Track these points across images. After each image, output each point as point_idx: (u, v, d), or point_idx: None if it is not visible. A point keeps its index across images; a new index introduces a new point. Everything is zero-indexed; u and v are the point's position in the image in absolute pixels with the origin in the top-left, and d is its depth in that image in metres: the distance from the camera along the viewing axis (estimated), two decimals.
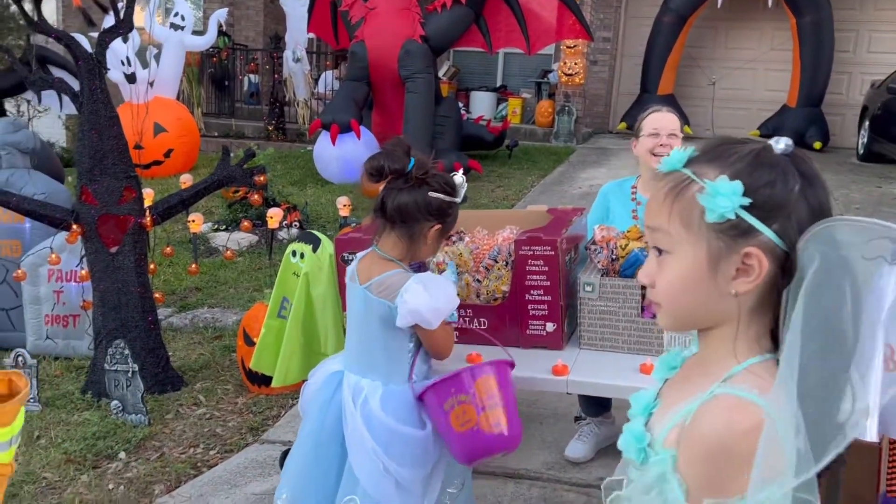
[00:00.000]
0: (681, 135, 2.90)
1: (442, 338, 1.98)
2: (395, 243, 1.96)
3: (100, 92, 3.58)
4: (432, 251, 2.04)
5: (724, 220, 0.93)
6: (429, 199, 1.91)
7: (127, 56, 8.10)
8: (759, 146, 0.97)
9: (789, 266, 0.94)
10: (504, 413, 1.83)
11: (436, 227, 1.94)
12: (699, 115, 11.32)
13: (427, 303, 1.87)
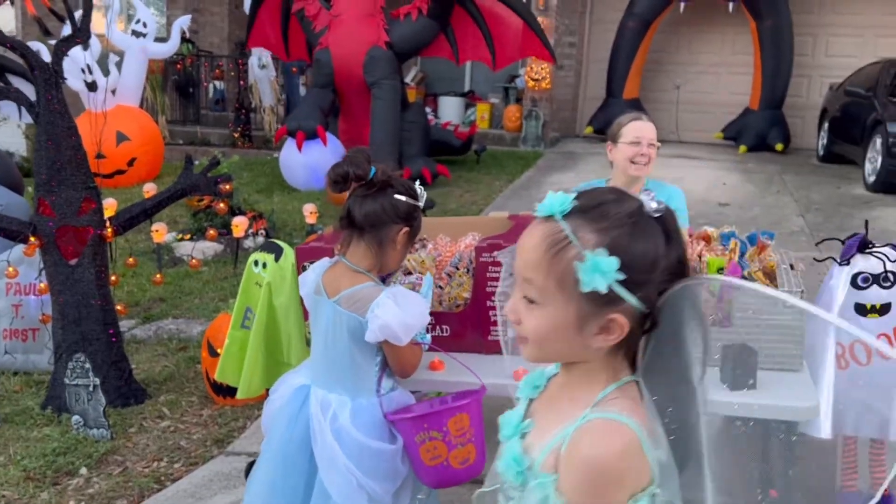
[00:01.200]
0: (658, 144, 2.95)
1: (408, 356, 1.97)
2: (365, 253, 1.94)
3: (56, 102, 3.52)
4: (401, 257, 2.02)
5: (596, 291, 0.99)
6: (395, 201, 1.91)
7: (87, 64, 7.99)
8: (634, 206, 1.03)
9: (650, 319, 1.02)
10: (474, 447, 1.86)
11: (404, 230, 1.94)
12: (664, 119, 11.47)
13: (398, 318, 1.85)
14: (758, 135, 10.34)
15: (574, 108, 11.98)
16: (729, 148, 10.58)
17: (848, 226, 6.13)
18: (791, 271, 2.20)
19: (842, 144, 9.08)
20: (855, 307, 2.28)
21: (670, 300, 0.99)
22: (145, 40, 8.50)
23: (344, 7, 7.79)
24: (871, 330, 2.29)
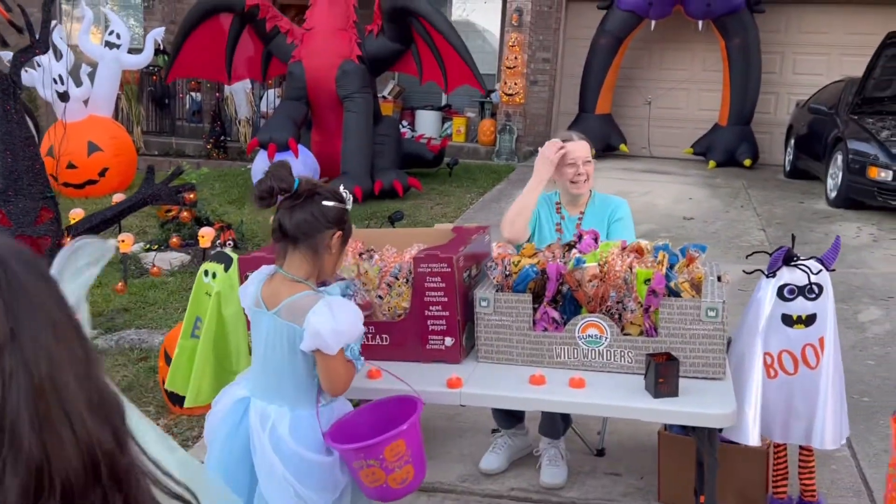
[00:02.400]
0: (592, 159, 3.02)
1: (338, 370, 1.95)
2: (301, 262, 1.97)
3: (14, 112, 3.55)
4: (336, 262, 2.05)
5: None
6: (324, 208, 1.94)
7: (60, 74, 8.00)
8: None
9: None
10: (412, 467, 1.89)
11: (337, 234, 1.97)
12: (636, 134, 11.63)
13: (329, 325, 1.86)
14: (726, 150, 10.51)
15: (548, 122, 12.10)
16: (699, 163, 10.75)
17: (806, 239, 6.25)
18: (718, 283, 2.27)
19: (806, 160, 9.26)
20: (782, 318, 2.36)
21: None
22: (119, 51, 8.51)
23: (317, 21, 7.86)
24: (797, 340, 2.37)
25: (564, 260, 2.30)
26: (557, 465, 2.95)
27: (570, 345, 2.21)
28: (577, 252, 2.33)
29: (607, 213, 2.98)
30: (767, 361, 2.39)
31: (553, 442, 2.99)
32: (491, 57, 12.60)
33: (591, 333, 2.19)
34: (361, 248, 2.75)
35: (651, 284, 2.10)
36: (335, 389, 1.98)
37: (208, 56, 8.37)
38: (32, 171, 3.62)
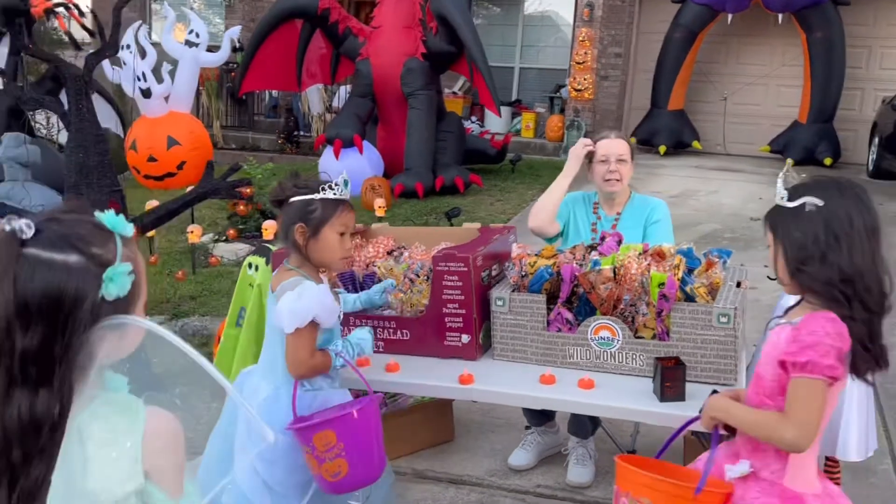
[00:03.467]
0: (629, 158, 3.01)
1: (293, 350, 2.01)
2: (293, 255, 2.13)
3: (86, 111, 3.80)
4: (318, 251, 2.07)
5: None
6: (290, 205, 2.08)
7: (143, 72, 8.44)
8: None
9: None
10: (345, 461, 1.91)
11: (298, 226, 2.06)
12: (710, 131, 11.33)
13: (288, 304, 1.97)
14: (806, 148, 10.11)
15: (619, 118, 11.93)
16: (776, 161, 10.37)
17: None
18: (736, 289, 2.25)
19: (892, 160, 8.81)
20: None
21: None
22: (198, 50, 8.90)
23: (384, 19, 8.01)
24: None
25: (584, 262, 2.32)
26: (584, 465, 2.97)
27: (583, 346, 2.24)
28: (598, 254, 2.35)
29: (645, 214, 2.95)
30: None
31: (582, 441, 3.01)
32: (565, 52, 12.51)
33: (603, 335, 2.21)
34: (393, 245, 2.84)
35: (663, 288, 2.11)
36: (292, 369, 2.03)
37: (279, 66, 8.62)
38: (102, 167, 3.87)
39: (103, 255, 1.07)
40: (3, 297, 1.00)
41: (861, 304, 1.57)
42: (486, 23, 13.90)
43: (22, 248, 1.02)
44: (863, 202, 1.65)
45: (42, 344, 1.01)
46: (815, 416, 1.57)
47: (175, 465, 1.16)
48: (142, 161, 8.77)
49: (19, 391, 1.00)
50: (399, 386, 2.35)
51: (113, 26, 3.78)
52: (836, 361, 1.55)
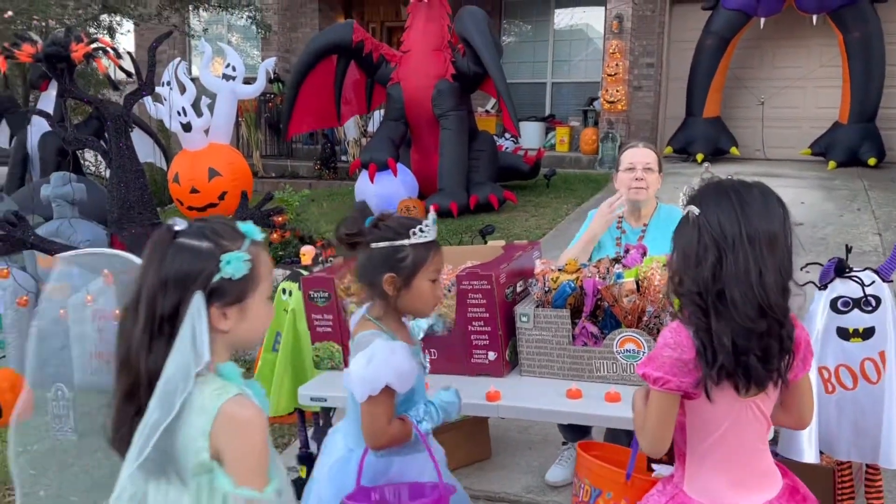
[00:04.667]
0: (656, 168, 3.01)
1: (367, 417, 1.82)
2: (375, 303, 1.91)
3: (126, 149, 3.96)
4: (410, 301, 1.88)
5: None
6: (372, 252, 1.85)
7: (183, 107, 8.69)
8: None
9: None
10: None
11: (388, 276, 1.84)
12: (748, 137, 11.17)
13: (359, 371, 1.79)
14: (848, 149, 9.89)
15: (654, 128, 11.84)
16: (818, 164, 10.18)
17: None
18: None
19: None
20: (837, 331, 2.28)
21: None
22: (234, 83, 9.14)
23: (413, 43, 8.14)
24: (855, 354, 2.29)
25: (608, 275, 2.33)
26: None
27: (609, 359, 2.25)
28: (621, 266, 2.36)
29: (671, 224, 2.93)
30: (824, 376, 2.32)
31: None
32: (597, 65, 12.50)
33: (628, 348, 2.22)
34: None
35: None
36: (368, 441, 1.85)
37: (319, 104, 8.80)
38: (142, 201, 4.02)
39: (228, 246, 1.38)
40: (153, 273, 1.35)
41: (721, 316, 1.49)
42: (517, 40, 14.00)
43: (173, 239, 1.37)
44: (747, 209, 1.52)
45: (174, 308, 1.34)
46: (656, 426, 1.59)
47: (246, 454, 1.32)
48: (184, 193, 9.01)
49: (157, 342, 1.33)
50: None
51: (149, 66, 3.94)
52: (669, 374, 1.54)
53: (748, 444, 1.65)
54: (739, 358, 1.50)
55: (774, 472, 1.73)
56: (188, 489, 1.33)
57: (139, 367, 1.34)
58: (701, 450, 1.66)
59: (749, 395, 1.57)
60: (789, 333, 1.55)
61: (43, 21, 9.24)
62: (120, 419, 1.39)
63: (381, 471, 1.91)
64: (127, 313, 1.38)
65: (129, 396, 1.37)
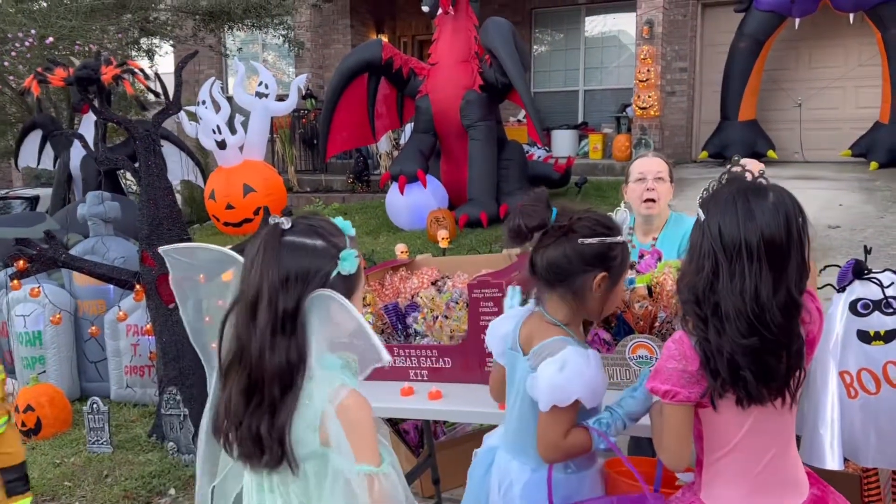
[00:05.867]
0: (668, 178, 2.96)
1: (544, 427, 1.68)
2: (559, 304, 1.76)
3: (155, 167, 4.06)
4: (603, 303, 1.76)
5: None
6: (579, 247, 1.70)
7: (218, 125, 8.88)
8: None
9: None
10: None
11: (601, 275, 1.71)
12: (786, 139, 10.96)
13: (548, 379, 1.65)
14: (890, 150, 9.62)
15: (688, 133, 11.70)
16: (859, 165, 9.93)
17: None
18: None
19: None
20: (858, 334, 2.21)
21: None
22: (267, 100, 9.31)
23: (441, 55, 8.19)
24: (877, 358, 2.22)
25: None
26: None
27: (622, 366, 2.22)
28: (634, 272, 2.33)
29: (681, 232, 2.88)
30: (847, 381, 2.25)
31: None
32: (630, 71, 12.41)
33: (641, 354, 2.19)
34: (437, 275, 2.90)
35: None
36: (541, 451, 1.72)
37: (354, 123, 8.89)
38: (171, 218, 4.10)
39: (339, 242, 1.45)
40: (273, 271, 1.38)
41: (717, 328, 1.43)
42: (549, 49, 13.99)
43: (283, 237, 1.41)
44: (752, 218, 1.42)
45: (296, 305, 1.37)
46: (673, 440, 1.55)
47: (359, 436, 1.37)
48: (220, 209, 9.19)
49: (280, 339, 1.36)
50: (442, 413, 2.38)
51: (175, 86, 4.04)
52: (677, 385, 1.50)
53: (767, 454, 1.60)
54: (737, 373, 1.45)
55: (799, 482, 1.68)
56: (298, 476, 1.39)
57: (263, 364, 1.36)
58: (716, 459, 1.62)
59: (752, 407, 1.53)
60: (798, 350, 1.49)
61: (85, 46, 9.54)
62: (235, 415, 1.39)
63: (573, 488, 1.78)
64: (240, 313, 1.40)
65: (249, 393, 1.38)
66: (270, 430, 1.36)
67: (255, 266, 1.40)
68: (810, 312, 1.55)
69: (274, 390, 1.37)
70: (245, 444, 1.40)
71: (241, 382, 1.39)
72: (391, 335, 2.64)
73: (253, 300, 1.38)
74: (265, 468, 1.41)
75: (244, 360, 1.39)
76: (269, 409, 1.37)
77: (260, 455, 1.38)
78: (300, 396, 1.38)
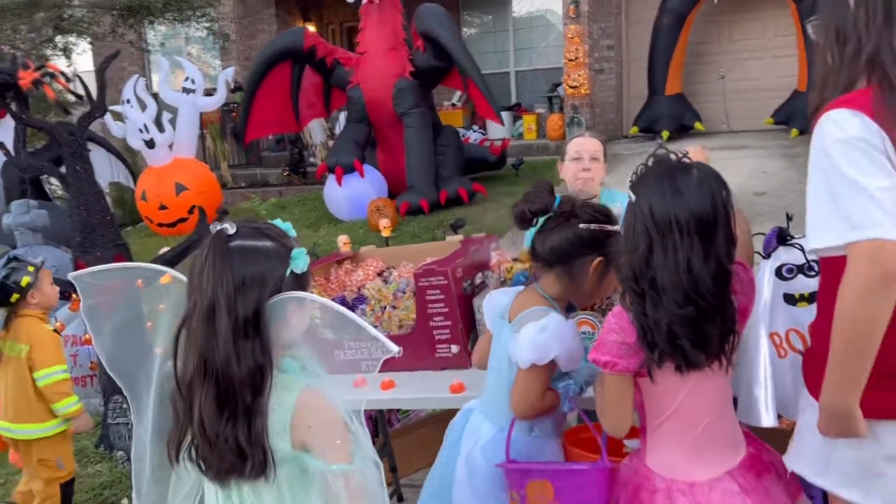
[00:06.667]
0: (602, 158, 3.04)
1: (523, 386, 1.82)
2: (554, 282, 1.91)
3: (83, 172, 3.94)
4: (595, 286, 1.91)
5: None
6: (580, 231, 1.84)
7: (144, 124, 8.65)
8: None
9: None
10: None
11: (597, 260, 1.85)
12: (712, 111, 11.30)
13: (530, 337, 1.78)
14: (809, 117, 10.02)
15: (619, 109, 11.94)
16: (780, 133, 10.32)
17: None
18: None
19: None
20: (784, 297, 2.34)
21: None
22: (195, 96, 9.10)
23: (369, 44, 8.14)
24: (803, 318, 2.34)
25: None
26: None
27: None
28: None
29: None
30: (776, 342, 2.37)
31: None
32: (559, 50, 12.56)
33: (584, 330, 2.26)
34: (382, 266, 2.92)
35: None
36: (516, 409, 1.85)
37: (277, 109, 8.79)
38: (104, 223, 4.00)
39: (287, 242, 1.47)
40: (227, 278, 1.37)
41: (655, 302, 1.52)
42: (479, 31, 14.03)
43: (229, 243, 1.41)
44: (680, 195, 1.52)
45: (255, 308, 1.38)
46: (612, 408, 1.65)
47: (325, 436, 1.39)
48: (153, 210, 8.97)
49: (244, 343, 1.36)
50: (394, 402, 2.42)
51: (98, 87, 3.93)
52: (616, 357, 1.59)
53: (704, 418, 1.69)
54: (675, 342, 1.54)
55: (737, 442, 1.77)
56: (270, 483, 1.39)
57: (230, 372, 1.35)
58: (658, 425, 1.70)
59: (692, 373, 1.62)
60: (731, 315, 1.58)
61: None
62: (210, 430, 1.36)
63: (534, 453, 1.90)
64: (197, 325, 1.38)
65: (221, 404, 1.36)
66: (249, 437, 1.36)
67: (205, 275, 1.39)
68: (742, 282, 1.63)
69: (246, 396, 1.36)
70: (226, 458, 1.37)
71: (210, 394, 1.37)
72: None
73: (209, 310, 1.37)
74: (247, 479, 1.39)
75: (209, 372, 1.37)
76: (245, 417, 1.37)
77: (243, 465, 1.37)
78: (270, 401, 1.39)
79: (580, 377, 1.90)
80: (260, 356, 1.37)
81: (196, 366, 1.38)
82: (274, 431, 1.39)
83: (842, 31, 1.51)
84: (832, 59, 1.54)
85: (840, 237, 1.44)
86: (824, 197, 1.48)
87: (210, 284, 1.37)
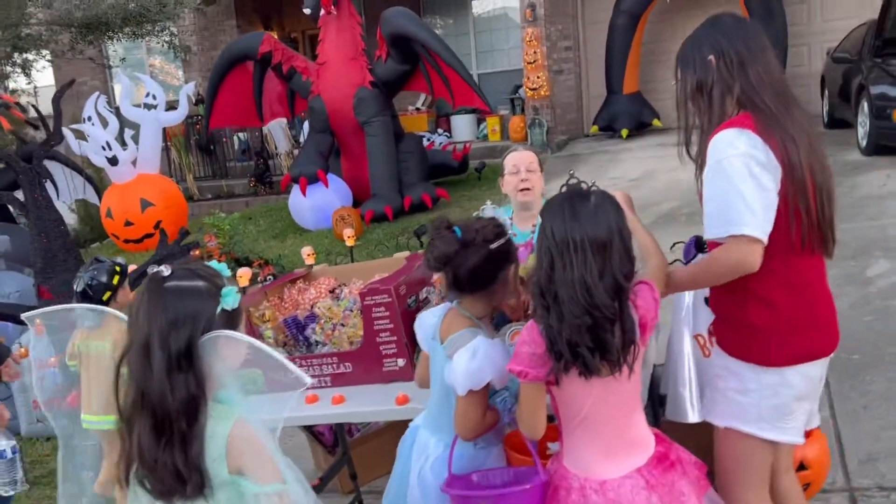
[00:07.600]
0: (538, 168, 3.18)
1: (462, 410, 1.93)
2: (474, 302, 2.01)
3: (42, 199, 4.02)
4: (508, 291, 2.05)
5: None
6: (491, 252, 1.96)
7: (107, 141, 8.66)
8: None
9: None
10: None
11: (510, 268, 2.01)
12: (669, 108, 11.42)
13: (463, 365, 1.89)
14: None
15: (579, 109, 12.15)
16: None
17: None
18: None
19: (843, 110, 9.02)
20: (706, 300, 2.51)
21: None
22: (157, 111, 9.13)
23: (328, 54, 8.25)
24: None
25: None
26: None
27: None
28: None
29: None
30: (700, 342, 2.55)
31: None
32: (520, 52, 12.74)
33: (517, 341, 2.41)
34: (334, 283, 3.04)
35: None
36: (461, 432, 1.97)
37: (240, 103, 8.91)
38: (65, 248, 4.08)
39: (218, 281, 1.59)
40: (160, 316, 1.50)
41: (557, 314, 1.69)
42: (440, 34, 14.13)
43: (164, 283, 1.54)
44: (577, 219, 1.69)
45: (187, 343, 1.50)
46: (527, 413, 1.81)
47: (261, 462, 1.53)
48: (119, 227, 8.99)
49: (177, 376, 1.48)
50: (343, 416, 2.54)
51: (55, 116, 4.00)
52: (528, 367, 1.74)
53: (614, 419, 1.84)
54: (576, 350, 1.70)
55: (646, 441, 1.92)
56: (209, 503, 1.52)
57: (166, 403, 1.47)
58: (572, 428, 1.86)
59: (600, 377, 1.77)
60: (630, 327, 1.73)
61: None
62: (151, 453, 1.49)
63: (479, 464, 2.03)
64: (134, 359, 1.52)
65: (158, 432, 1.49)
66: (186, 461, 1.48)
67: (140, 314, 1.52)
68: (645, 299, 1.79)
69: (181, 424, 1.48)
70: (165, 481, 1.50)
71: (148, 423, 1.50)
72: (293, 347, 2.77)
73: (144, 346, 1.50)
74: (190, 499, 1.51)
75: (146, 403, 1.50)
76: (181, 443, 1.49)
77: (182, 487, 1.50)
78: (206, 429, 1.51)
79: (514, 388, 2.02)
80: (194, 388, 1.49)
81: (134, 397, 1.51)
82: (211, 458, 1.51)
83: (705, 84, 2.03)
84: (699, 106, 2.07)
85: (724, 231, 1.92)
86: (716, 200, 1.92)
87: (146, 322, 1.51)
